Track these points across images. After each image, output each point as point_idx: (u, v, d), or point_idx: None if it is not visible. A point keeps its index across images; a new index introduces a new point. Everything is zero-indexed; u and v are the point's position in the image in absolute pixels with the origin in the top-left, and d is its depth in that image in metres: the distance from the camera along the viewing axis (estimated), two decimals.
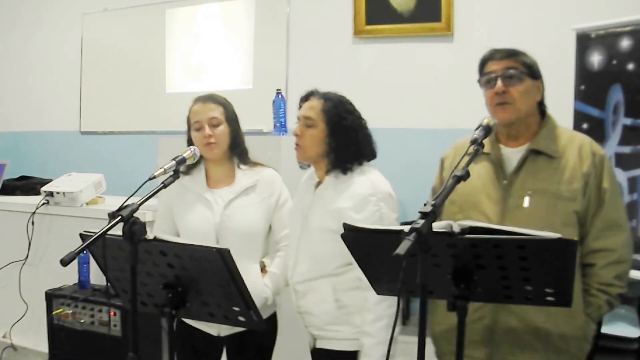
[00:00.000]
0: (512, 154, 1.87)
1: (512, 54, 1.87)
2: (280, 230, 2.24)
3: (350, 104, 2.04)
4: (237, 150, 2.24)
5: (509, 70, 1.83)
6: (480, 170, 1.88)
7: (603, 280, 1.82)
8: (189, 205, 2.20)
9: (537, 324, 1.79)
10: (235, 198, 2.18)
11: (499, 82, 1.83)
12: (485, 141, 1.86)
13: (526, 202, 1.80)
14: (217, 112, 2.19)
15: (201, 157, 2.14)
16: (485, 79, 1.87)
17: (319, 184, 2.06)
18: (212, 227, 2.15)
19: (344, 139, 1.97)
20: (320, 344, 2.06)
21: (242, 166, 2.24)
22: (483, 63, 1.91)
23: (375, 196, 1.92)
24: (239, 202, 2.18)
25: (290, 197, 2.28)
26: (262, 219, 2.21)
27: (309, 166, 2.12)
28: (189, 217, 2.19)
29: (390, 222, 1.85)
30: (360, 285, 1.89)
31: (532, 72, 1.86)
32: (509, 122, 1.85)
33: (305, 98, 2.06)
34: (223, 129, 2.18)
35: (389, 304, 1.88)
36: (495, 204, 1.83)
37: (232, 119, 2.22)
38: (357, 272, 1.85)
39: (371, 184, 1.95)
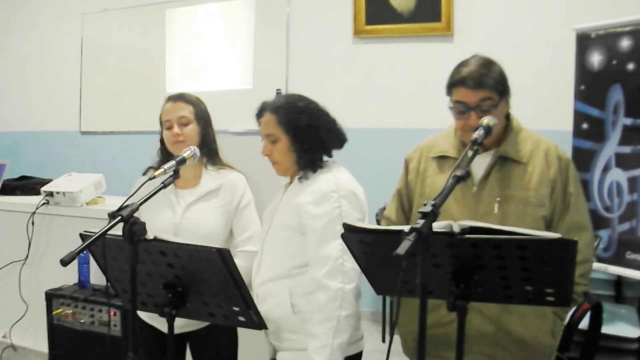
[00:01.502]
0: (479, 160, 1.83)
1: (483, 81, 1.77)
2: (240, 234, 2.23)
3: (301, 99, 1.98)
4: (206, 150, 2.24)
5: (484, 103, 1.77)
6: (447, 175, 1.87)
7: None
8: (154, 202, 2.12)
9: (509, 327, 1.82)
10: (196, 201, 2.20)
11: (473, 115, 1.78)
12: (451, 145, 1.92)
13: (496, 208, 1.82)
14: (186, 111, 2.21)
15: (171, 155, 2.15)
16: (458, 108, 1.82)
17: (289, 185, 2.03)
18: (171, 227, 2.17)
19: (307, 139, 1.93)
20: (279, 356, 1.99)
21: (209, 167, 2.26)
22: (451, 86, 1.84)
23: (337, 193, 1.87)
24: (199, 205, 2.20)
25: (254, 202, 2.27)
26: (222, 223, 2.21)
27: None
28: (151, 214, 2.18)
29: (350, 220, 1.76)
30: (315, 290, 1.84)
31: (503, 91, 1.81)
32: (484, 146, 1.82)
33: (259, 115, 2.01)
34: (192, 127, 2.21)
35: (340, 305, 1.79)
36: (464, 210, 1.84)
37: (202, 119, 2.24)
38: (313, 273, 1.84)
39: (335, 180, 1.90)
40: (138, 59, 5.64)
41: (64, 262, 1.47)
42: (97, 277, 3.19)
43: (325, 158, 1.98)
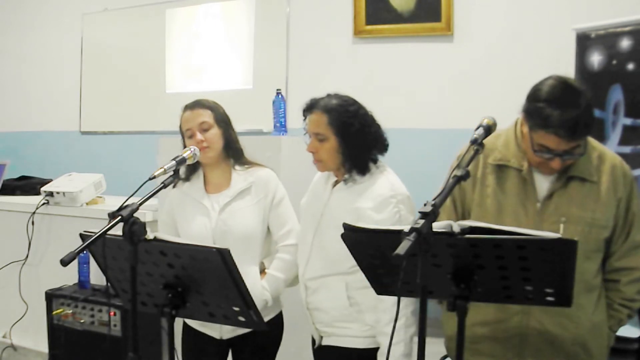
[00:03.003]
0: (544, 175, 1.79)
1: (577, 133, 1.63)
2: (279, 230, 2.24)
3: (353, 103, 2.03)
4: (232, 151, 2.24)
5: (574, 150, 1.67)
6: (510, 188, 1.81)
7: (626, 296, 1.85)
8: (188, 212, 2.23)
9: (564, 340, 1.79)
10: (230, 202, 2.20)
11: (558, 161, 1.68)
12: (514, 154, 1.80)
13: (561, 229, 1.74)
14: (206, 116, 2.20)
15: (198, 162, 2.15)
16: (542, 153, 1.68)
17: (336, 182, 2.06)
18: (209, 232, 2.17)
19: (357, 144, 1.98)
20: (327, 341, 2.06)
21: (237, 167, 2.25)
22: (540, 126, 1.65)
23: (395, 198, 1.94)
24: (233, 205, 2.19)
25: (287, 196, 2.28)
26: (258, 221, 2.21)
27: None
28: (188, 224, 2.22)
29: (408, 224, 1.79)
30: None
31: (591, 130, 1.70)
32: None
33: (308, 110, 2.04)
34: (214, 132, 2.20)
35: (405, 303, 1.89)
36: (527, 227, 1.79)
37: (222, 121, 2.24)
38: None
39: (391, 185, 1.97)
40: (138, 59, 5.64)
41: (64, 262, 1.47)
42: (97, 277, 3.19)
43: (371, 164, 2.01)
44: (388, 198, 1.94)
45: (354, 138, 1.97)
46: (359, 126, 1.98)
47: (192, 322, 2.25)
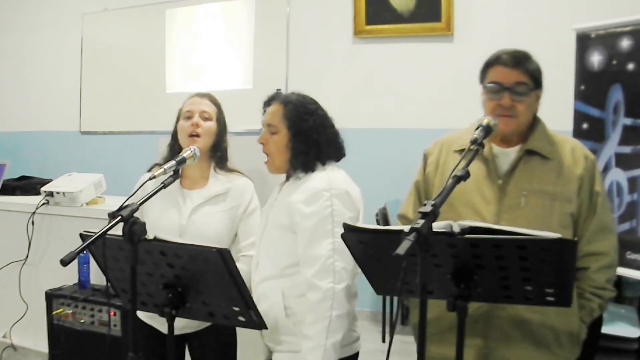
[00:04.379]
0: (505, 154, 1.85)
1: (521, 62, 1.80)
2: (244, 240, 2.23)
3: (313, 103, 1.98)
4: (218, 154, 2.25)
5: (520, 86, 1.78)
6: (472, 169, 1.86)
7: (597, 284, 1.82)
8: (158, 201, 2.15)
9: (528, 319, 1.78)
10: (203, 204, 2.19)
11: (506, 97, 1.78)
12: None
13: (523, 202, 1.79)
14: (210, 108, 2.23)
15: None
16: (492, 88, 1.81)
17: (284, 184, 2.03)
18: (176, 227, 2.16)
19: (305, 142, 1.92)
20: (275, 357, 1.98)
21: (217, 171, 2.25)
22: (488, 66, 1.85)
23: (328, 192, 1.85)
24: (206, 208, 2.19)
25: (260, 208, 2.25)
26: (227, 228, 2.21)
27: None
28: (156, 213, 2.19)
29: (342, 220, 1.75)
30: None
31: (537, 82, 1.82)
32: (508, 134, 1.84)
33: (267, 103, 2.01)
34: (211, 125, 2.21)
35: (332, 305, 1.78)
36: (489, 203, 1.82)
37: (221, 122, 2.26)
38: (304, 273, 1.83)
39: (328, 179, 1.89)
40: (138, 59, 5.64)
41: (64, 262, 1.47)
42: (97, 277, 3.19)
43: (318, 165, 1.94)
44: (320, 191, 1.85)
45: (304, 135, 1.92)
46: (312, 124, 1.93)
47: (142, 315, 2.19)
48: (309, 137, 1.92)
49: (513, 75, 1.78)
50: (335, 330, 1.79)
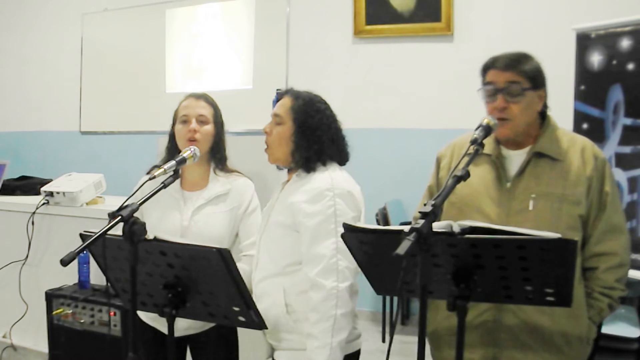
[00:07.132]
0: (514, 156, 1.85)
1: (514, 64, 1.79)
2: (245, 239, 2.23)
3: (323, 103, 2.00)
4: (218, 156, 2.24)
5: (512, 86, 1.77)
6: (481, 172, 1.86)
7: (606, 284, 1.82)
8: (159, 203, 2.17)
9: (539, 324, 1.79)
10: (204, 205, 2.19)
11: (500, 98, 1.79)
12: (486, 141, 1.83)
13: (531, 205, 1.79)
14: (207, 110, 2.21)
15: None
16: (486, 90, 1.82)
17: (286, 183, 2.03)
18: (178, 229, 2.16)
19: (308, 137, 1.93)
20: (276, 356, 1.99)
21: (218, 172, 2.25)
22: (485, 70, 1.85)
23: (332, 191, 1.86)
24: (207, 209, 2.19)
25: (260, 208, 2.25)
26: (228, 228, 2.21)
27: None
28: (157, 215, 2.19)
29: (344, 220, 1.76)
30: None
31: (535, 82, 1.81)
32: (507, 138, 1.83)
33: (279, 97, 2.04)
34: (209, 128, 2.20)
35: (336, 304, 1.79)
36: (498, 206, 1.82)
37: (219, 123, 2.24)
38: (307, 272, 1.84)
39: (330, 180, 1.89)
40: (138, 59, 5.64)
41: (64, 262, 1.46)
42: (97, 277, 3.19)
43: (319, 165, 1.95)
44: (324, 191, 1.86)
45: (309, 131, 1.93)
46: (318, 122, 1.94)
47: (142, 315, 2.20)
48: (312, 133, 1.94)
49: (506, 76, 1.78)
50: (341, 328, 1.80)
